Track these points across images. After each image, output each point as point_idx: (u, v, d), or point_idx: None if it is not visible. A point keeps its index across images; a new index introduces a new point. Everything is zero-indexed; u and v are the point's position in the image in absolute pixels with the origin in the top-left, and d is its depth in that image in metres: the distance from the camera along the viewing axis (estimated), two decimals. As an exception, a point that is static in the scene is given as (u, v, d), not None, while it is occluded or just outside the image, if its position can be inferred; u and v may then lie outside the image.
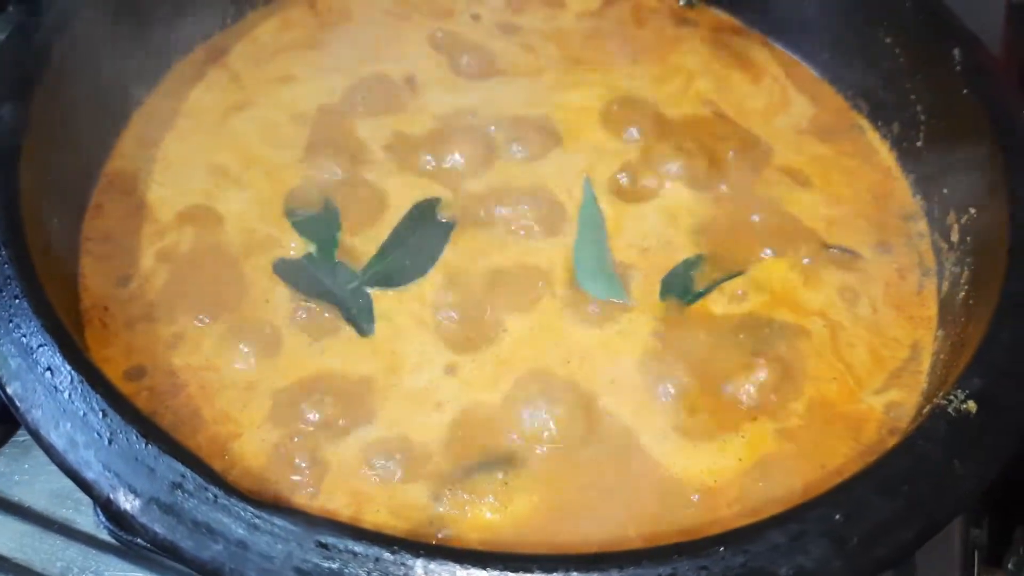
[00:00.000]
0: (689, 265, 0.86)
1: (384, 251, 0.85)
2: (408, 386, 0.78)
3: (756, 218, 0.90)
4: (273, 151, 0.92)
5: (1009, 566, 0.87)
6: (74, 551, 0.82)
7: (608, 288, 0.83)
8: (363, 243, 0.86)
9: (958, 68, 0.87)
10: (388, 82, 0.99)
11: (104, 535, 0.82)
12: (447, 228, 0.87)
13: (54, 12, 0.84)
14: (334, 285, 0.83)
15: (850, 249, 0.88)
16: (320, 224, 0.86)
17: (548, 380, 0.78)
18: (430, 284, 0.84)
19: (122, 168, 0.90)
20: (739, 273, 0.86)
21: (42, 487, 0.85)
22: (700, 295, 0.84)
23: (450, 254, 0.86)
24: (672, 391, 0.78)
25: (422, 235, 0.87)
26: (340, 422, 0.75)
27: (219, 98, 0.96)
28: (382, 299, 0.83)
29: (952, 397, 0.67)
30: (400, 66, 1.00)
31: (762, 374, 0.78)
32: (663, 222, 0.89)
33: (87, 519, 0.83)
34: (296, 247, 0.85)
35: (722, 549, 0.58)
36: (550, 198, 0.90)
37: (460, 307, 0.82)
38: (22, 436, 0.88)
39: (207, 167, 0.91)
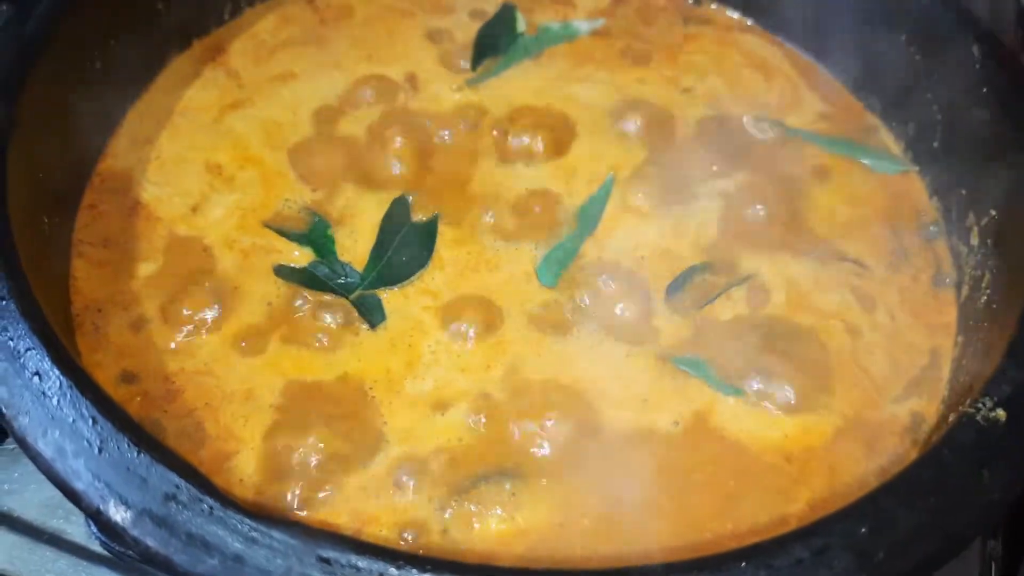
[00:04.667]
0: (697, 270, 0.84)
1: (378, 252, 0.83)
2: (412, 392, 0.75)
3: (767, 220, 0.87)
4: (272, 152, 0.90)
5: (1026, 578, 0.85)
6: (64, 563, 0.81)
7: (550, 278, 0.82)
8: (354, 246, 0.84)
9: (977, 65, 0.85)
10: (389, 80, 0.96)
11: (96, 546, 0.80)
12: (432, 221, 0.85)
13: (44, 7, 0.81)
14: (339, 287, 0.80)
15: (861, 262, 0.86)
16: (312, 232, 0.84)
17: (555, 391, 0.76)
18: (432, 279, 0.82)
19: (115, 167, 0.87)
20: (749, 277, 0.83)
21: (32, 497, 0.83)
22: (710, 301, 0.82)
23: (448, 253, 0.84)
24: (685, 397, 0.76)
25: (409, 230, 0.84)
26: (343, 431, 0.72)
27: (216, 96, 0.94)
28: (388, 301, 0.81)
29: (980, 405, 0.65)
30: (401, 64, 0.98)
31: (778, 376, 0.76)
32: (670, 225, 0.87)
33: (78, 529, 0.82)
34: (299, 254, 0.83)
35: (744, 564, 0.56)
36: (552, 196, 0.88)
37: (468, 315, 0.80)
38: (11, 444, 0.85)
39: (203, 167, 0.88)
